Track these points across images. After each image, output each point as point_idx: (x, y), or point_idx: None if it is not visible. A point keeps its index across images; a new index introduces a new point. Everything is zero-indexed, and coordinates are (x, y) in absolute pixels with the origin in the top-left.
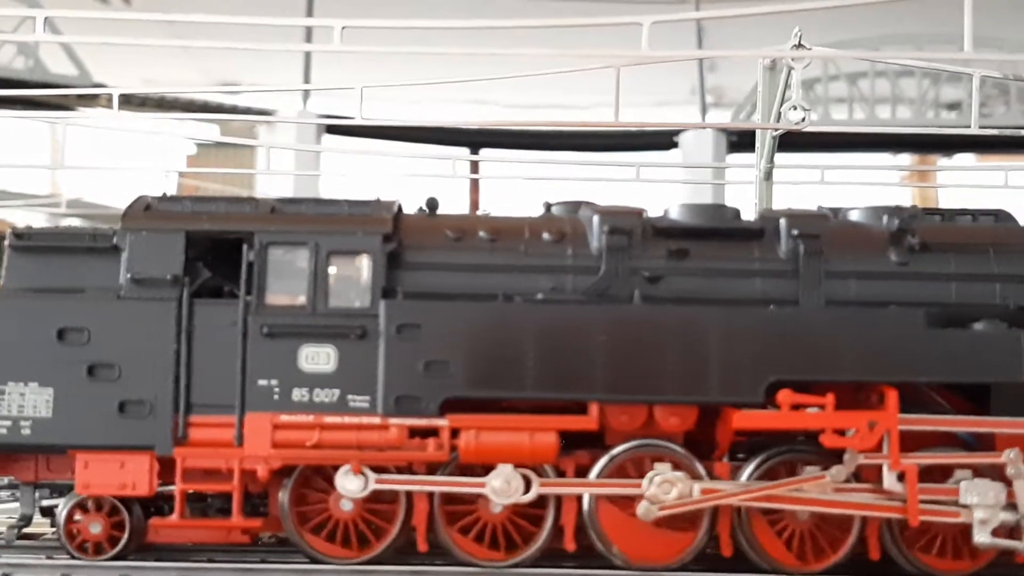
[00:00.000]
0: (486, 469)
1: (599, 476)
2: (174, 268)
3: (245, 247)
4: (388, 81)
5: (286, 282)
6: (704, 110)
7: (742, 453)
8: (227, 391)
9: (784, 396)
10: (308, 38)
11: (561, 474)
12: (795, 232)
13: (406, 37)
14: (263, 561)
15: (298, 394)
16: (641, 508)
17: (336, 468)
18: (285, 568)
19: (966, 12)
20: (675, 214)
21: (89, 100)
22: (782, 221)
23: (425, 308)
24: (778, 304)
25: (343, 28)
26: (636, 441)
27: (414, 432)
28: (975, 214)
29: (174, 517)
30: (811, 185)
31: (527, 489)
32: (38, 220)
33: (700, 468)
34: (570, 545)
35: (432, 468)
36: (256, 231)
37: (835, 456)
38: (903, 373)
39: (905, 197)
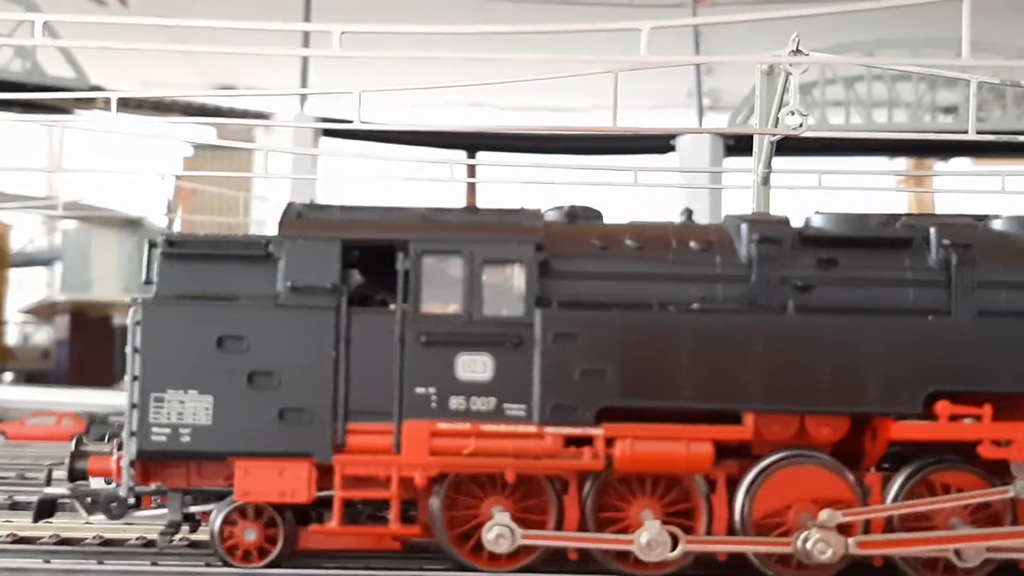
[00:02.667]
0: (634, 478)
1: (750, 486)
2: (332, 276)
3: (400, 256)
4: (386, 84)
5: (440, 290)
6: (701, 113)
7: (886, 463)
8: (384, 399)
9: (943, 407)
10: (306, 42)
11: (712, 484)
12: (946, 242)
13: (405, 41)
14: (420, 568)
15: (455, 402)
16: (825, 514)
17: (489, 476)
18: None
19: (964, 19)
20: (818, 222)
21: (86, 102)
22: (932, 230)
23: (582, 317)
24: (929, 314)
25: (342, 33)
26: (788, 451)
27: (569, 441)
28: None
29: (333, 524)
30: (808, 190)
31: (674, 546)
32: (35, 222)
33: (851, 478)
34: (721, 555)
35: (583, 475)
36: (411, 240)
37: (985, 466)
38: None
39: (902, 201)
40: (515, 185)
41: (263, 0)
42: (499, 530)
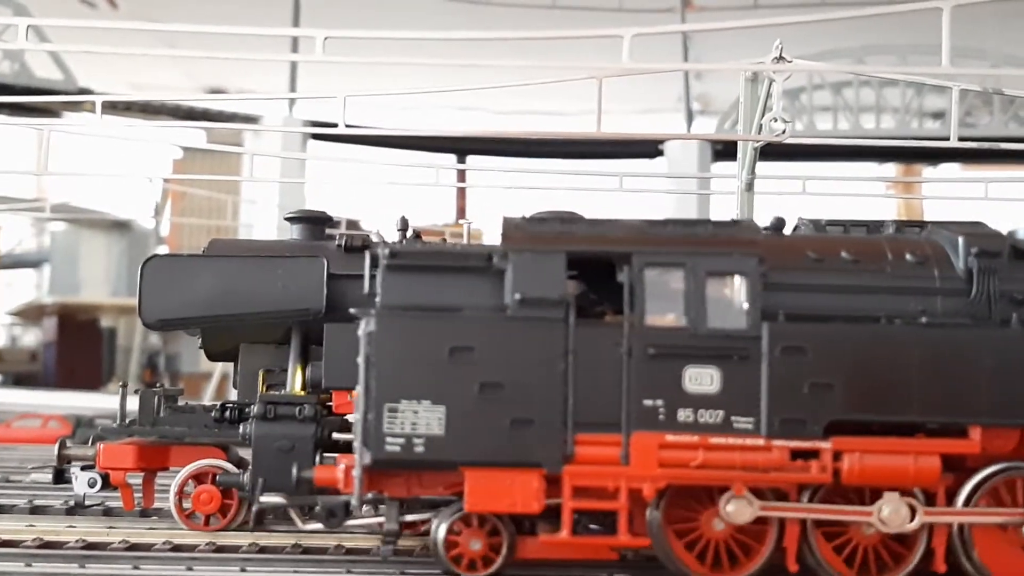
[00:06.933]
0: (859, 492)
1: (968, 499)
2: (559, 288)
3: (626, 268)
4: (375, 87)
5: (662, 303)
6: (690, 118)
7: None
8: (610, 410)
9: None
10: (295, 46)
11: (931, 497)
12: None
13: (393, 46)
14: None
15: (683, 414)
16: None
17: (717, 489)
18: None
19: (944, 28)
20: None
21: (75, 104)
22: None
23: (811, 330)
24: None
25: (325, 38)
26: (1005, 463)
27: (795, 454)
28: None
29: (564, 534)
30: (793, 196)
31: (912, 518)
32: (23, 224)
33: None
34: (940, 567)
35: (802, 488)
36: (634, 252)
37: None
38: None
39: (888, 207)
40: (503, 189)
41: (254, 5)
42: (737, 503)
